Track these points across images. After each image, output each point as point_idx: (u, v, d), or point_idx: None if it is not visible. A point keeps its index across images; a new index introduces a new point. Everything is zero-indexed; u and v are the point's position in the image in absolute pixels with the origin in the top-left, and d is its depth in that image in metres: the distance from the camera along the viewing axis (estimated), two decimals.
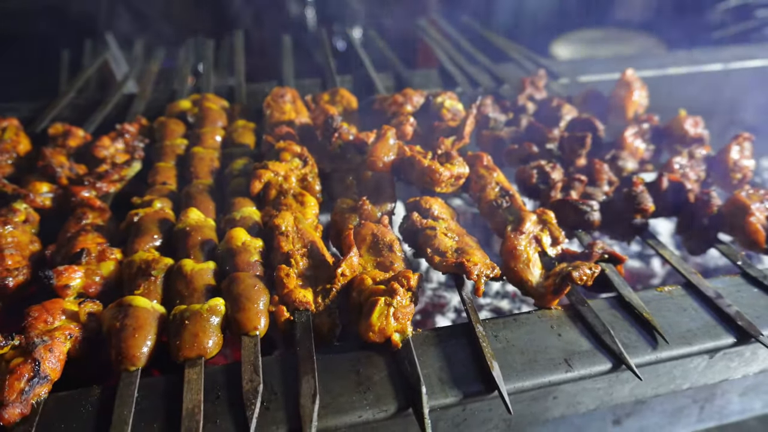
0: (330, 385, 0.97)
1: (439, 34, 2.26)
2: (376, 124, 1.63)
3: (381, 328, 1.02)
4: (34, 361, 0.92)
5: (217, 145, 1.52)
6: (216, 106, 1.64)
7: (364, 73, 1.95)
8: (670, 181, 1.38)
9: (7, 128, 1.47)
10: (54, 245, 1.18)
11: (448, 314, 1.70)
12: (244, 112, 1.67)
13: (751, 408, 1.53)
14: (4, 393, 0.87)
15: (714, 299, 1.13)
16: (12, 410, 0.86)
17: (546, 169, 1.44)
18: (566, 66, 2.12)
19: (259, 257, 1.16)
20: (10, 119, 1.52)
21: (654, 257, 1.98)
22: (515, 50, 2.15)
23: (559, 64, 2.08)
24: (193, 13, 3.61)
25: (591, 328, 1.07)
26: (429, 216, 1.27)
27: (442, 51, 2.13)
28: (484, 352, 1.00)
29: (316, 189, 1.36)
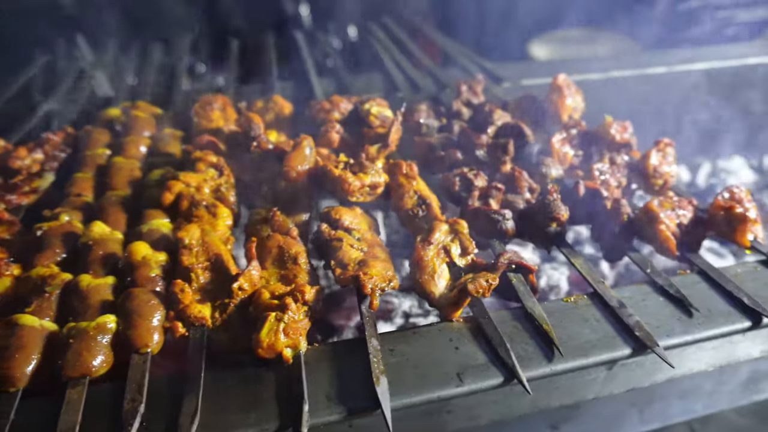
0: (216, 403, 0.96)
1: (387, 38, 2.25)
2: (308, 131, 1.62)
3: (270, 343, 1.01)
4: None
5: (141, 155, 1.51)
6: (145, 115, 1.63)
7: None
8: (587, 188, 1.37)
9: None
10: None
11: (396, 320, 1.69)
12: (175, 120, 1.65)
13: (693, 410, 1.54)
14: None
15: (616, 309, 1.12)
16: None
17: (468, 176, 1.43)
18: (512, 69, 2.11)
19: (160, 272, 1.15)
20: None
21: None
22: (462, 54, 2.14)
23: (504, 67, 2.07)
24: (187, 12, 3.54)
25: (489, 341, 1.06)
26: (339, 227, 1.26)
27: (387, 55, 2.11)
28: (372, 367, 0.99)
29: (231, 200, 1.35)
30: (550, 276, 1.79)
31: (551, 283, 1.78)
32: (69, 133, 1.58)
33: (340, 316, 1.58)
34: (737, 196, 1.34)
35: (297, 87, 1.91)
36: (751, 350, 1.18)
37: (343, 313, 1.58)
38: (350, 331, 1.58)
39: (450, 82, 1.93)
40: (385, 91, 1.91)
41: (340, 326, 1.57)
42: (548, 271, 1.82)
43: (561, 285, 1.78)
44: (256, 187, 1.39)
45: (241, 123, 1.52)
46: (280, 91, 1.85)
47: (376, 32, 2.30)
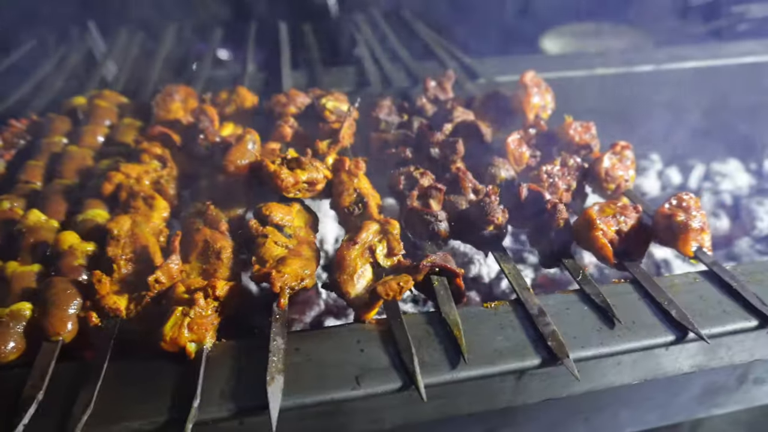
0: (114, 393, 0.98)
1: (370, 29, 2.23)
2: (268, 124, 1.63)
3: (173, 337, 1.02)
4: None
5: (97, 144, 1.54)
6: (107, 104, 1.66)
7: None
8: (530, 190, 1.33)
9: None
10: None
11: (350, 317, 1.69)
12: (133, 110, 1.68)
13: (645, 420, 1.50)
14: None
15: (535, 317, 1.10)
16: None
17: (414, 175, 1.41)
18: (494, 65, 2.07)
19: (85, 261, 1.17)
20: None
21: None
22: (442, 48, 2.10)
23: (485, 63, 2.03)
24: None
25: (395, 344, 1.05)
26: (268, 223, 1.26)
27: (366, 48, 2.09)
28: (270, 366, 0.99)
29: (171, 192, 1.37)
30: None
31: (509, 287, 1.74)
32: (34, 120, 1.62)
33: (295, 310, 1.58)
34: (684, 203, 1.29)
35: (270, 79, 1.91)
36: (679, 364, 1.13)
37: (297, 307, 1.58)
38: (301, 325, 1.59)
39: (423, 77, 1.90)
40: (356, 85, 1.90)
41: (291, 319, 1.57)
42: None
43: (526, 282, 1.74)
44: (199, 180, 1.40)
45: (194, 115, 1.53)
46: (251, 82, 1.85)
47: (362, 24, 2.28)
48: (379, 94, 1.80)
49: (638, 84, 2.03)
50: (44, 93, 1.83)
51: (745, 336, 1.13)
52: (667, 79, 2.04)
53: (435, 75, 1.83)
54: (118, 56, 2.26)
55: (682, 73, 2.03)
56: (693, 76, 2.04)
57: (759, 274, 1.23)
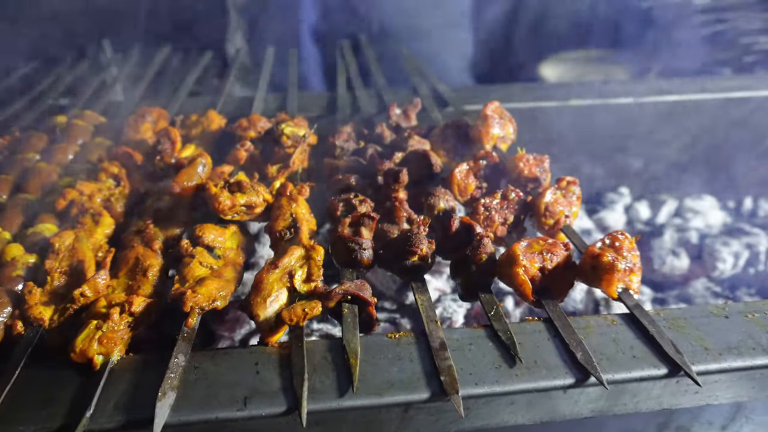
0: (18, 398, 1.04)
1: (352, 56, 2.28)
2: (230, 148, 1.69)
3: (82, 349, 1.08)
4: None
5: (66, 161, 1.64)
6: (84, 123, 1.76)
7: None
8: (461, 222, 1.34)
9: None
10: None
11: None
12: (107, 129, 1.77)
13: None
14: None
15: (435, 350, 1.11)
16: None
17: (354, 202, 1.45)
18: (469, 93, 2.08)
19: (23, 272, 1.25)
20: None
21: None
22: (420, 74, 2.13)
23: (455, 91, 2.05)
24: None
25: (290, 369, 1.08)
26: (199, 243, 1.31)
27: (344, 73, 2.15)
28: (164, 381, 1.03)
29: (118, 210, 1.44)
30: (447, 307, 1.75)
31: (445, 315, 1.74)
32: (15, 135, 1.74)
33: (224, 327, 1.63)
34: (618, 243, 1.28)
35: (243, 102, 1.99)
36: (579, 408, 1.12)
37: (227, 325, 1.63)
38: (229, 342, 1.63)
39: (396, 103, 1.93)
40: (325, 110, 1.95)
41: (220, 336, 1.62)
42: (446, 302, 1.78)
43: (455, 318, 1.73)
44: (148, 199, 1.47)
45: (158, 136, 1.61)
46: (227, 105, 1.93)
47: (346, 49, 2.34)
48: (344, 121, 1.85)
49: (615, 116, 2.00)
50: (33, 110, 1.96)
51: (652, 384, 1.10)
52: (646, 112, 2.00)
53: (403, 103, 1.86)
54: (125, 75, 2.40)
55: (662, 106, 1.99)
56: (673, 109, 2.00)
57: (682, 320, 1.20)
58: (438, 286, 1.84)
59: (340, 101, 1.96)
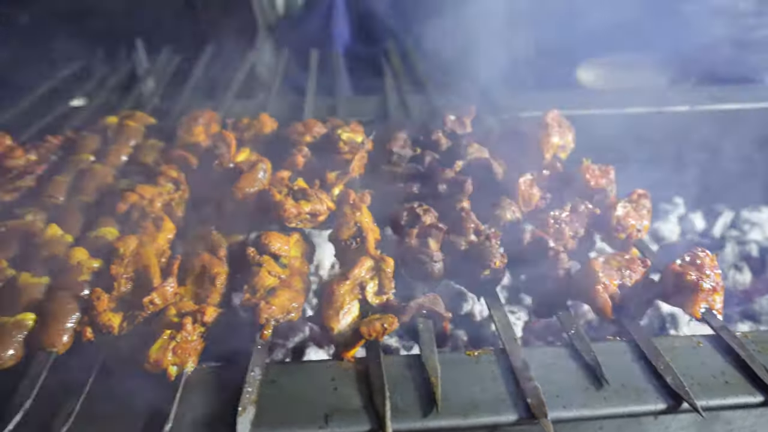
0: (94, 410, 1.01)
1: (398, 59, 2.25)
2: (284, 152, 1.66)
3: (157, 360, 1.05)
4: None
5: (119, 163, 1.61)
6: (135, 124, 1.74)
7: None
8: (533, 235, 1.31)
9: None
10: None
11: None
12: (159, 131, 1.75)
13: None
14: None
15: (518, 370, 1.07)
16: None
17: (418, 211, 1.41)
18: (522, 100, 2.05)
19: (89, 277, 1.23)
20: None
21: None
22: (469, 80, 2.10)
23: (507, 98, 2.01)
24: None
25: (370, 386, 1.05)
26: (266, 251, 1.28)
27: (391, 77, 2.11)
28: (243, 396, 1.01)
29: (179, 215, 1.41)
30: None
31: None
32: (68, 137, 1.72)
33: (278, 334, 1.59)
34: (699, 261, 1.24)
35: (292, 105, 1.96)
36: None
37: (281, 332, 1.60)
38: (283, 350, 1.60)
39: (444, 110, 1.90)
40: (375, 116, 1.92)
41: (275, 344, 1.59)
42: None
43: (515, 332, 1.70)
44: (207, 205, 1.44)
45: (213, 140, 1.58)
46: (276, 109, 1.90)
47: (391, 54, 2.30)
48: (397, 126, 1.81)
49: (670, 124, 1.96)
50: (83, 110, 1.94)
51: (747, 412, 1.06)
52: (702, 120, 1.96)
53: (456, 108, 1.83)
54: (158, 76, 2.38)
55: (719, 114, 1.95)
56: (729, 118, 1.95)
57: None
58: None
59: (391, 106, 1.93)
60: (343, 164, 1.58)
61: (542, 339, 1.74)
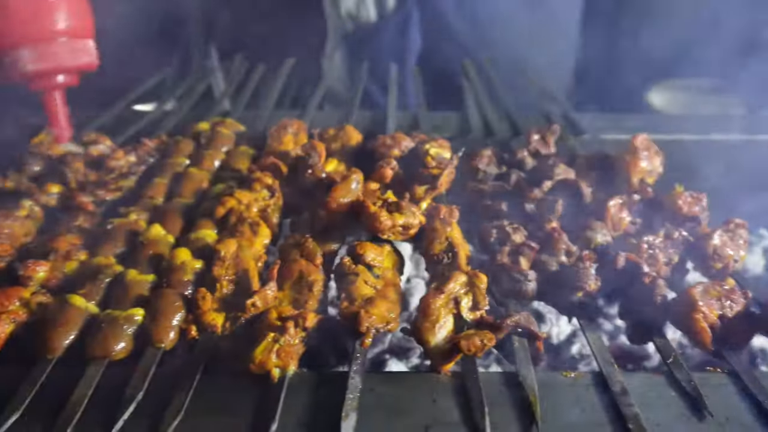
0: (202, 405, 1.05)
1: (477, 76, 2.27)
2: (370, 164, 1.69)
3: (261, 361, 1.09)
4: None
5: (213, 168, 1.67)
6: (228, 131, 1.80)
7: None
8: (627, 260, 1.30)
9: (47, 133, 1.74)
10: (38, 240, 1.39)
11: (412, 359, 1.71)
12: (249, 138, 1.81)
13: None
14: None
15: (617, 395, 1.06)
16: None
17: (507, 229, 1.42)
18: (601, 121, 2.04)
19: (192, 277, 1.28)
20: None
21: None
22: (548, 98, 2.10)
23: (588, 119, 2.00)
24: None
25: (468, 401, 1.06)
26: (360, 261, 1.31)
27: (472, 94, 2.13)
28: (346, 403, 1.03)
29: (274, 221, 1.46)
30: (586, 345, 1.69)
31: (584, 352, 1.68)
32: (162, 140, 1.80)
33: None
34: None
35: (375, 118, 2.00)
36: None
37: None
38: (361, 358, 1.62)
39: (525, 128, 1.90)
40: (457, 132, 1.93)
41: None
42: (584, 339, 1.72)
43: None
44: (301, 213, 1.49)
45: (304, 149, 1.63)
46: (358, 120, 1.95)
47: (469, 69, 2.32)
48: (479, 143, 1.83)
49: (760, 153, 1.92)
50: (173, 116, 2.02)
51: None
52: None
53: (539, 127, 1.83)
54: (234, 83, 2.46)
55: None
56: None
57: None
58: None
59: (473, 122, 1.95)
60: (429, 179, 1.60)
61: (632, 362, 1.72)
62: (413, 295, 1.78)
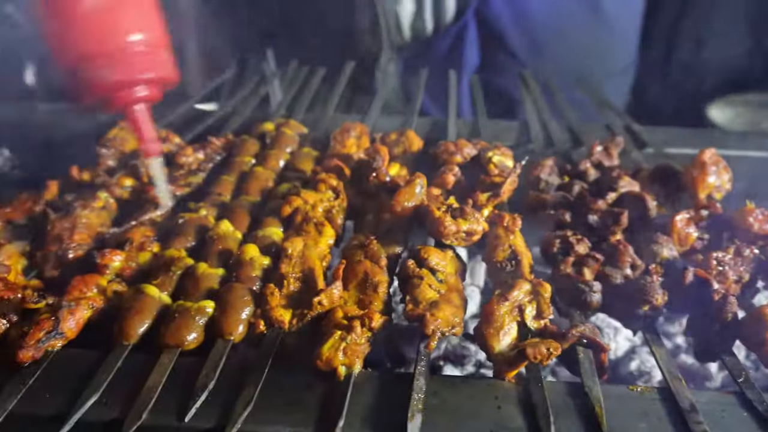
0: (268, 396, 1.08)
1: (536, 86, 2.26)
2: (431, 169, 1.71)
3: (328, 358, 1.11)
4: (56, 320, 1.16)
5: (278, 168, 1.72)
6: (291, 132, 1.84)
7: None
8: (696, 275, 1.28)
9: (121, 128, 1.81)
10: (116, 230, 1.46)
11: (467, 367, 1.71)
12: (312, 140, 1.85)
13: None
14: (26, 338, 1.12)
15: (685, 412, 1.05)
16: (26, 352, 1.10)
17: (570, 240, 1.41)
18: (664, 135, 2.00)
19: (260, 273, 1.32)
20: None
21: None
22: (610, 110, 2.08)
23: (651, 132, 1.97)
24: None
25: (533, 409, 1.06)
26: (424, 265, 1.32)
27: (531, 103, 2.13)
28: (411, 403, 1.04)
29: (338, 222, 1.49)
30: (645, 360, 1.67)
31: (643, 368, 1.65)
32: (228, 139, 1.85)
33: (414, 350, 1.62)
34: None
35: (434, 125, 2.02)
36: None
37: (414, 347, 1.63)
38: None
39: (587, 139, 1.89)
40: (517, 141, 1.93)
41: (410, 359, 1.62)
42: (643, 355, 1.69)
43: (653, 373, 1.65)
44: (364, 214, 1.51)
45: (368, 153, 1.66)
46: (418, 127, 1.96)
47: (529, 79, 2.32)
48: (540, 153, 1.82)
49: None
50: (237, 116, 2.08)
51: None
52: None
53: (601, 139, 1.82)
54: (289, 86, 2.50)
55: None
56: None
57: None
58: (629, 336, 1.77)
59: (533, 132, 1.95)
60: (490, 186, 1.60)
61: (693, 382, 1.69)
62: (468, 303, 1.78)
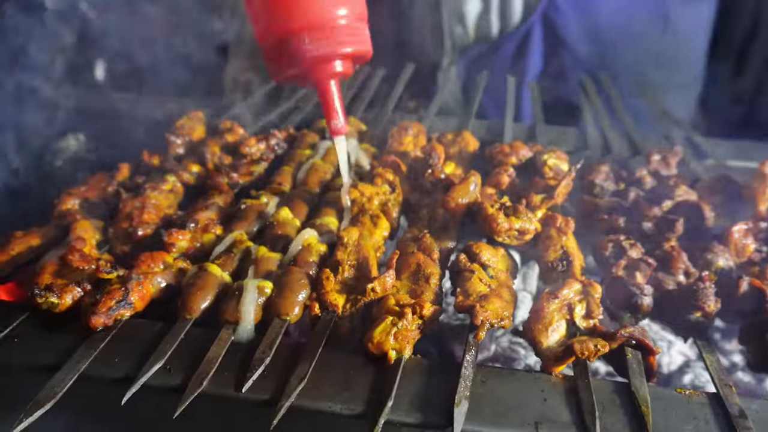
0: (321, 375, 1.13)
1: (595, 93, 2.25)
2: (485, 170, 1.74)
3: (379, 342, 1.15)
4: (126, 291, 1.24)
5: (336, 162, 1.77)
6: (351, 129, 1.90)
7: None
8: (751, 285, 1.26)
9: (189, 117, 1.91)
10: (181, 213, 1.54)
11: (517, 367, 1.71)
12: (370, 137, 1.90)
13: None
14: (98, 306, 1.20)
15: (734, 417, 1.04)
16: (98, 318, 1.19)
17: (623, 244, 1.42)
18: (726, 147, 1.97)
19: (317, 259, 1.37)
20: (197, 112, 1.97)
21: None
22: (670, 120, 2.05)
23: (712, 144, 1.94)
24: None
25: (579, 404, 1.07)
26: (476, 260, 1.35)
27: (590, 110, 2.12)
28: (459, 390, 1.07)
29: (393, 215, 1.53)
30: (699, 375, 1.64)
31: (697, 383, 1.62)
32: (290, 132, 1.92)
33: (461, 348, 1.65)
34: None
35: (491, 127, 2.04)
36: None
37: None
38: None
39: (645, 148, 1.88)
40: (573, 147, 1.94)
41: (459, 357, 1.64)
42: (697, 370, 1.66)
43: (707, 388, 1.61)
44: (419, 209, 1.55)
45: (425, 150, 1.70)
46: (474, 129, 1.99)
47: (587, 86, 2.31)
48: (597, 159, 1.82)
49: None
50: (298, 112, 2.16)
51: None
52: None
53: (660, 148, 1.80)
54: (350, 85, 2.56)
55: None
56: None
57: None
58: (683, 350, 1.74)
59: (591, 138, 1.95)
60: (545, 189, 1.62)
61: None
62: (519, 308, 1.79)
